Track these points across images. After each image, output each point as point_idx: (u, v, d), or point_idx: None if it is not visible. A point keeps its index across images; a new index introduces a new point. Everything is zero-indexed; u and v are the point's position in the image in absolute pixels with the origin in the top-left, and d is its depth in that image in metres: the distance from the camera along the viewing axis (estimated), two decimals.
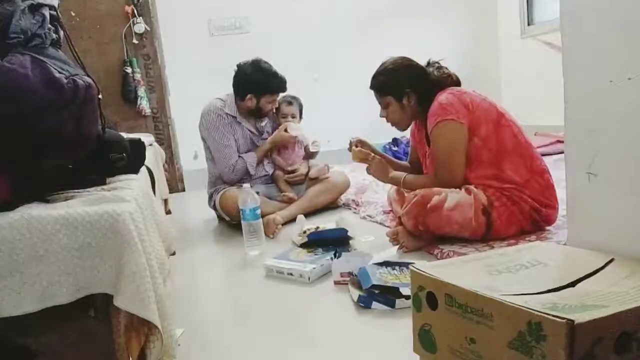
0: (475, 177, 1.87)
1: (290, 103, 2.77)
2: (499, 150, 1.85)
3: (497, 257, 1.07)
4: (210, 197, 2.72)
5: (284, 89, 2.64)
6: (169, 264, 1.23)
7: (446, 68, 2.05)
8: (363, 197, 2.81)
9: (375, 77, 2.06)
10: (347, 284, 1.60)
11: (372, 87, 2.07)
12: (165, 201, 2.67)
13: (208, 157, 2.73)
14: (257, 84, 2.58)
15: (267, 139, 2.75)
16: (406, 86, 1.99)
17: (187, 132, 3.88)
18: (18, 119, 0.89)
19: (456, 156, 1.87)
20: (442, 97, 1.91)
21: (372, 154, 2.14)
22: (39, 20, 0.99)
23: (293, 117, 2.76)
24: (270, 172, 2.76)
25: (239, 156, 2.63)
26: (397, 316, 1.38)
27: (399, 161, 2.39)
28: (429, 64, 2.07)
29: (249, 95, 2.61)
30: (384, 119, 2.10)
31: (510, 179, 1.83)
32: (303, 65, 4.14)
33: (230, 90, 2.71)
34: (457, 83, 2.04)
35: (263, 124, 2.76)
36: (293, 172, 2.71)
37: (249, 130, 2.70)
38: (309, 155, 2.84)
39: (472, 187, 1.84)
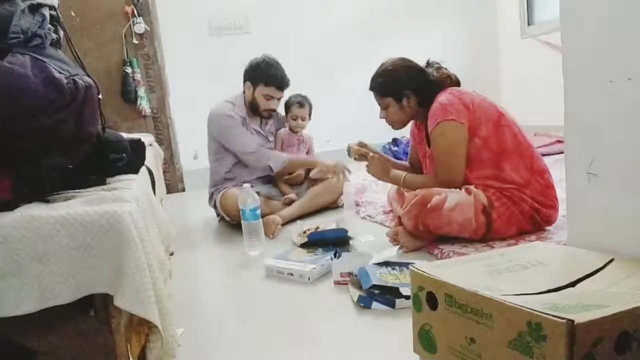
0: (476, 178, 1.87)
1: (301, 105, 2.73)
2: (499, 150, 1.85)
3: (497, 257, 1.07)
4: (211, 196, 2.72)
5: (280, 86, 2.58)
6: (169, 264, 1.23)
7: (445, 69, 2.05)
8: (363, 197, 2.81)
9: (374, 79, 2.05)
10: (347, 284, 1.60)
11: (371, 88, 2.07)
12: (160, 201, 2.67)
13: (212, 159, 2.72)
14: (255, 71, 2.58)
15: (271, 141, 2.76)
16: (405, 87, 1.98)
17: (187, 132, 3.89)
18: (18, 119, 0.89)
19: (457, 156, 1.87)
20: (443, 97, 1.91)
21: (371, 153, 2.14)
22: (39, 20, 0.99)
23: (303, 119, 2.75)
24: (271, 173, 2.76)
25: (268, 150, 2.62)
26: (397, 316, 1.38)
27: (398, 161, 2.39)
28: (428, 64, 2.07)
29: (247, 83, 2.61)
30: (383, 119, 2.10)
31: (511, 179, 1.83)
32: (303, 65, 4.14)
33: (233, 90, 2.71)
34: (457, 83, 2.04)
35: (268, 126, 2.75)
36: (292, 173, 2.71)
37: (256, 131, 2.69)
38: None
39: (472, 187, 1.84)
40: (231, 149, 2.60)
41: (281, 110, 2.83)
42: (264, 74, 2.55)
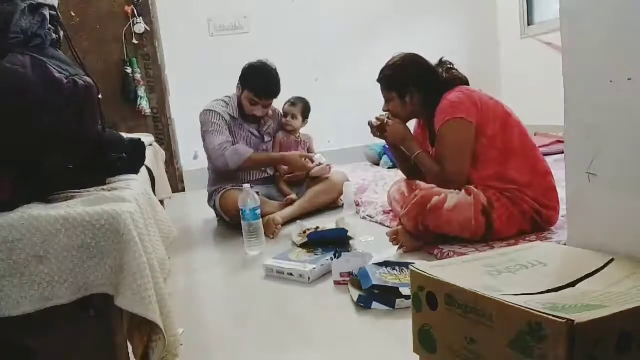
0: (479, 178, 1.87)
1: (293, 104, 2.73)
2: (505, 150, 1.85)
3: (497, 257, 1.07)
4: (211, 196, 2.72)
5: (260, 94, 2.56)
6: (170, 263, 1.23)
7: (456, 70, 2.04)
8: (363, 197, 2.81)
9: (382, 71, 2.06)
10: (347, 284, 1.60)
11: (378, 80, 2.08)
12: (161, 202, 2.66)
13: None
14: (245, 74, 2.60)
15: (267, 142, 2.75)
16: (411, 84, 1.98)
17: (187, 132, 3.88)
18: (18, 119, 0.89)
19: (463, 155, 1.87)
20: (452, 95, 1.90)
21: (387, 119, 2.09)
22: (39, 21, 0.99)
23: (293, 117, 2.74)
24: (272, 173, 2.76)
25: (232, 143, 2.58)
26: (397, 316, 1.38)
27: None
28: (440, 62, 2.06)
29: (238, 84, 2.63)
30: (386, 113, 2.10)
31: (513, 179, 1.83)
32: (303, 65, 4.14)
33: (233, 91, 2.71)
34: (466, 85, 2.03)
35: (265, 127, 2.74)
36: (293, 172, 2.71)
37: (250, 132, 2.68)
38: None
39: (472, 187, 1.84)
40: (204, 144, 2.60)
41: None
42: (251, 80, 2.57)
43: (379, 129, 2.12)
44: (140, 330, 1.00)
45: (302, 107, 2.76)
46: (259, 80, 2.55)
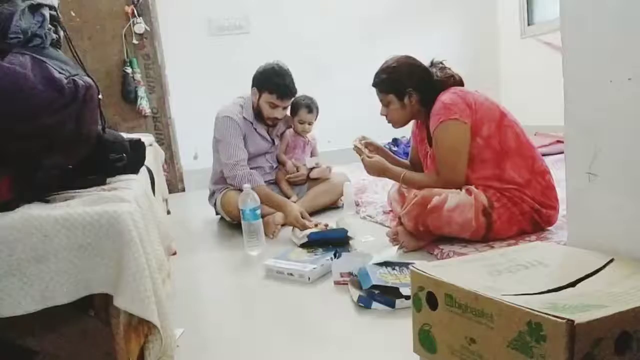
0: (477, 178, 1.87)
1: (310, 110, 2.69)
2: (501, 150, 1.85)
3: (497, 257, 1.07)
4: (212, 194, 2.71)
5: (283, 96, 2.52)
6: (169, 264, 1.23)
7: (449, 69, 2.04)
8: (363, 197, 2.81)
9: (377, 75, 2.05)
10: (347, 284, 1.60)
11: (374, 84, 2.07)
12: (165, 201, 2.66)
13: (215, 156, 2.69)
14: (261, 78, 2.54)
15: (277, 145, 2.75)
16: (408, 85, 1.98)
17: (187, 132, 3.89)
18: (18, 119, 0.89)
19: (459, 156, 1.87)
20: (446, 96, 1.90)
21: (364, 154, 2.13)
22: (39, 21, 0.99)
23: (310, 124, 2.72)
24: (274, 176, 2.76)
25: (252, 169, 2.53)
26: (397, 316, 1.38)
27: (399, 158, 2.36)
28: (432, 64, 2.06)
29: (253, 89, 2.58)
30: (384, 117, 2.09)
31: (512, 179, 1.83)
32: (303, 65, 4.13)
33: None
34: (460, 83, 2.03)
35: (275, 130, 2.72)
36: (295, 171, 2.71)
37: (261, 135, 2.65)
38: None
39: (472, 187, 1.84)
40: (219, 152, 2.56)
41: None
42: (269, 82, 2.51)
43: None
44: (137, 331, 1.00)
45: (317, 112, 2.74)
46: (280, 82, 2.50)
